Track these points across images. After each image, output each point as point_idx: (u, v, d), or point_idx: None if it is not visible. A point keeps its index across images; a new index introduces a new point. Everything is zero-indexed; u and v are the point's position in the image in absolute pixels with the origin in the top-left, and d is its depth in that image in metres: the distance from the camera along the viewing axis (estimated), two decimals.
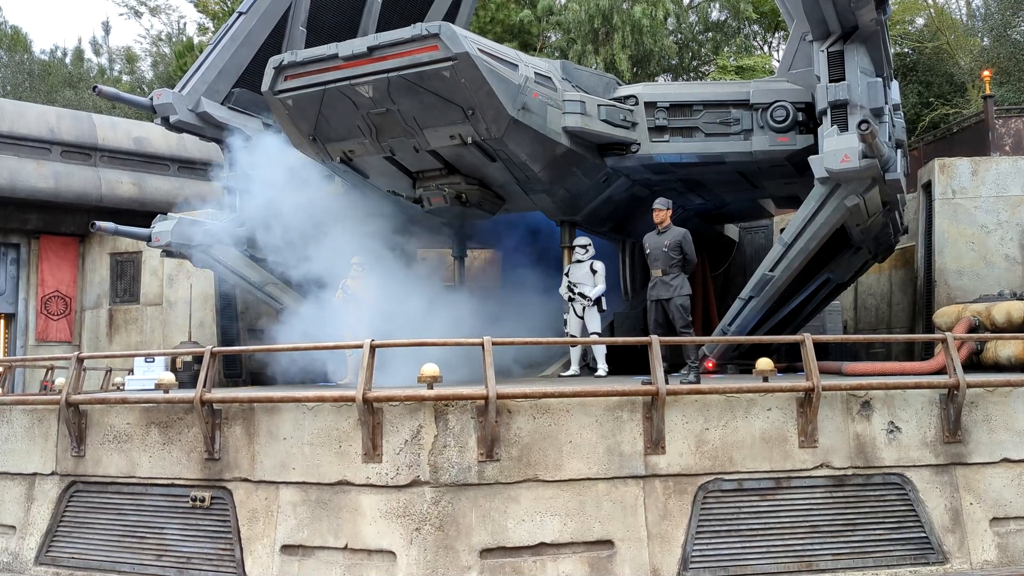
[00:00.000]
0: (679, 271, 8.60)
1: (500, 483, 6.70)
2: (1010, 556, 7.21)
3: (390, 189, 11.02)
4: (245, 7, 12.36)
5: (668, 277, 8.55)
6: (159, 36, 34.63)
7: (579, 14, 25.89)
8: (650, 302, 8.65)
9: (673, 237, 8.62)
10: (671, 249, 8.57)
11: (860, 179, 9.03)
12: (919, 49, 26.00)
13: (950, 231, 13.33)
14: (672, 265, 8.56)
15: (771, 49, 31.76)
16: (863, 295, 16.74)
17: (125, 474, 7.63)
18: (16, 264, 17.60)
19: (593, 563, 6.70)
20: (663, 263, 8.59)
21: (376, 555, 6.66)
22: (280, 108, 10.00)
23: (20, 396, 11.30)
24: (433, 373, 6.89)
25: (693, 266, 8.85)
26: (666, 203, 8.83)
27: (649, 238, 8.85)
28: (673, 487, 6.94)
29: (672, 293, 8.50)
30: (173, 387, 8.00)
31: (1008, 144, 16.49)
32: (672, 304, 8.49)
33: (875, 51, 9.33)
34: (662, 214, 8.76)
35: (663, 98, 10.46)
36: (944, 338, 7.63)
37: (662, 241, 8.67)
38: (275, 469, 7.07)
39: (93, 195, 17.23)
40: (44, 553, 7.85)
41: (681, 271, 8.61)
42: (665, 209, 8.77)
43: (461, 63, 8.80)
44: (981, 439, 7.40)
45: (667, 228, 8.74)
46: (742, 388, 7.20)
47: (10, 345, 17.57)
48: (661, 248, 8.63)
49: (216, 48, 12.22)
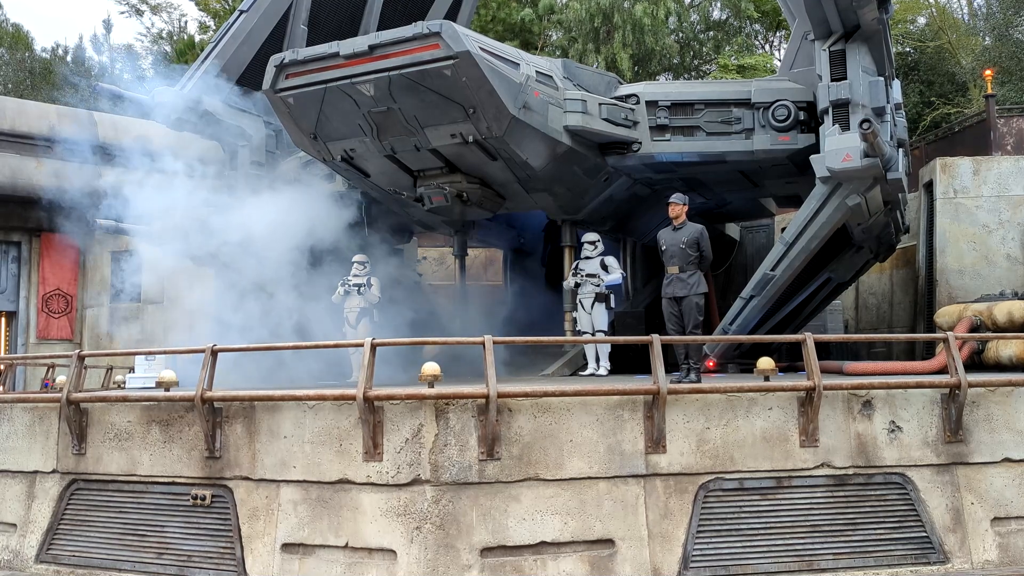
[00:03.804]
0: (695, 268, 8.43)
1: (501, 482, 6.69)
2: (1011, 556, 7.20)
3: (391, 188, 11.02)
4: (246, 5, 12.36)
5: (685, 274, 8.39)
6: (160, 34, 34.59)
7: (580, 13, 25.89)
8: (665, 299, 8.49)
9: (690, 234, 8.45)
10: (688, 246, 8.40)
11: (862, 178, 9.03)
12: (921, 48, 25.96)
13: (951, 230, 13.33)
14: (689, 262, 8.40)
15: (772, 48, 31.75)
16: (864, 294, 16.74)
17: (126, 472, 7.63)
18: (17, 262, 17.60)
19: (594, 562, 6.69)
20: (680, 260, 8.43)
21: (377, 553, 6.66)
22: (281, 106, 10.00)
23: (21, 394, 11.33)
24: (434, 372, 6.89)
25: (709, 263, 8.70)
26: (682, 198, 8.63)
27: (665, 234, 8.66)
28: (674, 486, 6.94)
29: (688, 291, 8.36)
30: (174, 385, 7.99)
31: (1010, 144, 16.47)
32: (687, 302, 8.36)
33: (877, 50, 9.33)
34: (678, 209, 8.57)
35: (664, 97, 10.46)
36: (945, 337, 7.62)
37: (679, 238, 8.49)
38: (276, 467, 7.07)
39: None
40: (45, 551, 7.85)
41: (698, 268, 8.46)
42: (681, 204, 8.58)
43: (462, 62, 8.80)
44: (982, 439, 7.39)
45: (683, 224, 8.55)
46: (743, 387, 7.19)
47: (11, 343, 17.58)
48: (678, 245, 8.46)
49: (217, 46, 12.22)
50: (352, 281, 10.97)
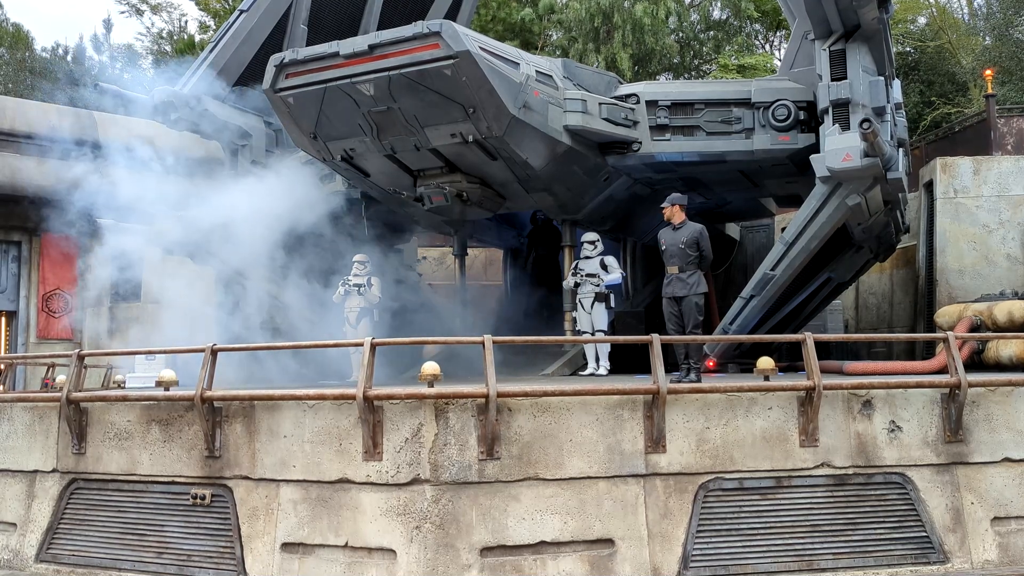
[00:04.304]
0: (695, 268, 8.41)
1: (500, 481, 6.69)
2: (1011, 556, 7.20)
3: (391, 188, 11.02)
4: (246, 5, 12.36)
5: (685, 274, 8.37)
6: (160, 34, 34.59)
7: (580, 12, 25.89)
8: (665, 299, 8.47)
9: (690, 234, 8.43)
10: (688, 246, 8.38)
11: (862, 178, 9.03)
12: (921, 48, 25.96)
13: (952, 230, 13.33)
14: (689, 262, 8.38)
15: (772, 48, 31.75)
16: (864, 294, 16.74)
17: (126, 471, 7.63)
18: (17, 262, 17.60)
19: (593, 562, 6.69)
20: (680, 260, 8.41)
21: (376, 553, 6.66)
22: (281, 106, 10.00)
23: (21, 393, 11.33)
24: (434, 371, 6.89)
25: (709, 263, 8.68)
26: (676, 199, 8.62)
27: (665, 234, 8.64)
28: (674, 486, 6.94)
29: (688, 291, 8.33)
30: (174, 384, 7.99)
31: (1010, 143, 16.47)
32: (687, 302, 8.34)
33: (877, 50, 9.32)
34: (670, 211, 8.55)
35: (664, 97, 10.45)
36: (945, 337, 7.62)
37: (679, 238, 8.46)
38: (275, 467, 7.07)
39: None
40: (45, 550, 7.85)
41: (698, 268, 8.43)
42: (670, 206, 8.56)
43: (462, 61, 8.79)
44: (982, 438, 7.39)
45: (683, 224, 8.53)
46: (743, 387, 7.19)
47: (11, 342, 17.58)
48: (677, 245, 8.43)
49: (217, 46, 12.21)
50: (352, 281, 10.96)
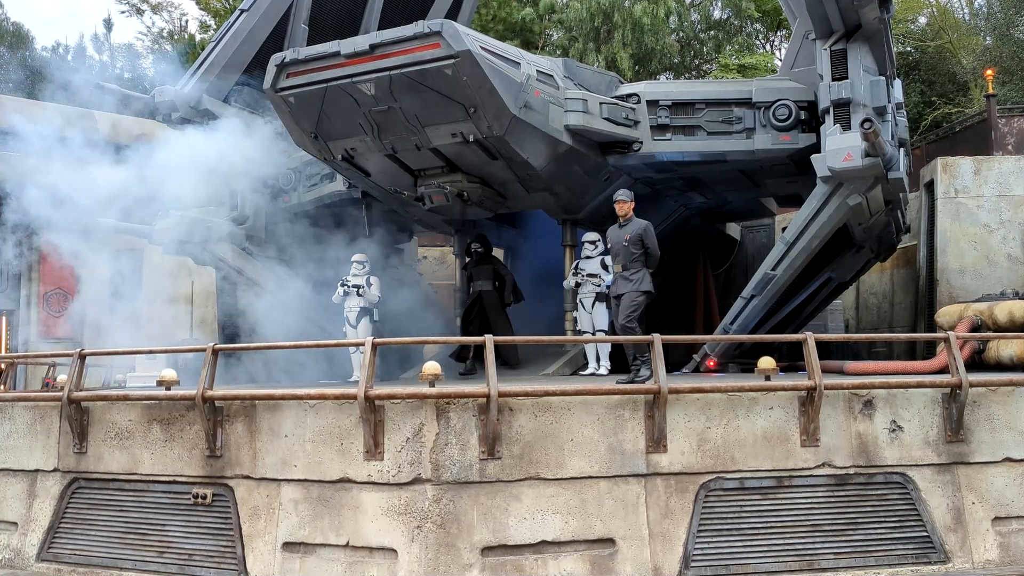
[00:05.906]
0: (640, 266, 8.21)
1: (501, 481, 6.69)
2: (1012, 556, 7.20)
3: (392, 187, 11.02)
4: (247, 4, 12.36)
5: (628, 272, 8.18)
6: (160, 33, 34.59)
7: (580, 12, 25.90)
8: (612, 299, 8.30)
9: (634, 231, 8.24)
10: (631, 243, 8.21)
11: (863, 178, 9.02)
12: (922, 48, 25.96)
13: (952, 230, 13.33)
14: (633, 260, 8.19)
15: (773, 48, 31.74)
16: (865, 294, 16.74)
17: (127, 471, 7.63)
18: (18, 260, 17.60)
19: (594, 561, 6.70)
20: (623, 258, 8.24)
21: (377, 552, 6.66)
22: (282, 106, 9.99)
23: (22, 393, 11.33)
24: (435, 371, 6.89)
25: (656, 260, 8.49)
26: (628, 195, 8.48)
27: (611, 231, 8.48)
28: (675, 486, 6.94)
29: (629, 288, 8.15)
30: (175, 384, 7.99)
31: (1011, 143, 16.48)
32: (626, 297, 8.10)
33: (878, 50, 9.32)
34: (625, 207, 8.34)
35: (665, 96, 10.44)
36: (946, 337, 7.62)
37: (622, 235, 8.27)
38: (277, 466, 7.07)
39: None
40: (46, 549, 7.86)
41: (643, 266, 8.23)
42: (627, 201, 8.43)
43: (463, 61, 8.79)
44: (983, 438, 7.39)
45: (628, 221, 8.33)
46: (744, 387, 7.19)
47: (12, 342, 17.57)
48: (620, 242, 8.24)
49: (218, 46, 12.22)
50: (351, 281, 10.95)
